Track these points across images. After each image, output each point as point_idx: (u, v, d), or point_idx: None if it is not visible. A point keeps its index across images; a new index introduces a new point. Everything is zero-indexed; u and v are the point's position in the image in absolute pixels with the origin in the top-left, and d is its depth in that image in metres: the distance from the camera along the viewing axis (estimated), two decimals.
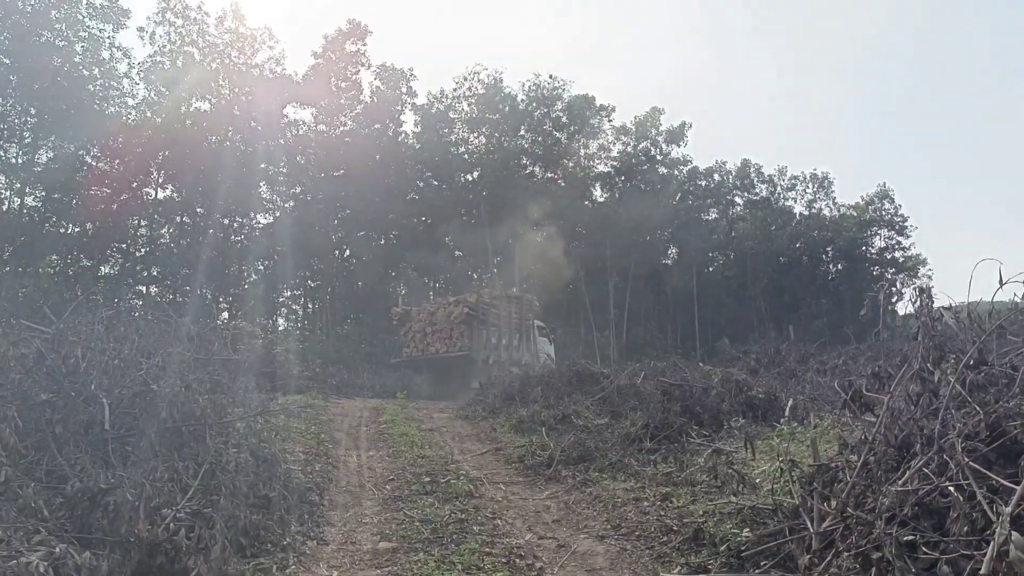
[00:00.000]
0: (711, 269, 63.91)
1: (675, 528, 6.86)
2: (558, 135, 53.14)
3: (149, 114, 42.24)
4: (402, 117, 51.19)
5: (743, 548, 5.77)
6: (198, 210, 46.09)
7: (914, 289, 6.24)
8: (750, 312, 60.38)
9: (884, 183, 72.03)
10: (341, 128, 49.10)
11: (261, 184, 48.05)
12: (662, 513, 7.41)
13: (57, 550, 4.28)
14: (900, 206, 62.43)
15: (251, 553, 6.19)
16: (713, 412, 12.54)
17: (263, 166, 46.62)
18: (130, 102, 42.46)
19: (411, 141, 52.44)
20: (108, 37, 39.95)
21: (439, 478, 10.26)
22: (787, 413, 13.32)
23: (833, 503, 5.02)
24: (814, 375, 17.44)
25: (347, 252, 53.35)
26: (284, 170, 48.60)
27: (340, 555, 6.70)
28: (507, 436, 14.58)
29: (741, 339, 52.47)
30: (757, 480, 8.09)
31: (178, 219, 46.84)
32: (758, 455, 9.42)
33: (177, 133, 41.93)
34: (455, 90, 52.49)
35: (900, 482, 4.61)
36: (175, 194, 45.62)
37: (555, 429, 14.16)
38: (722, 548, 5.98)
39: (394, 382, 29.95)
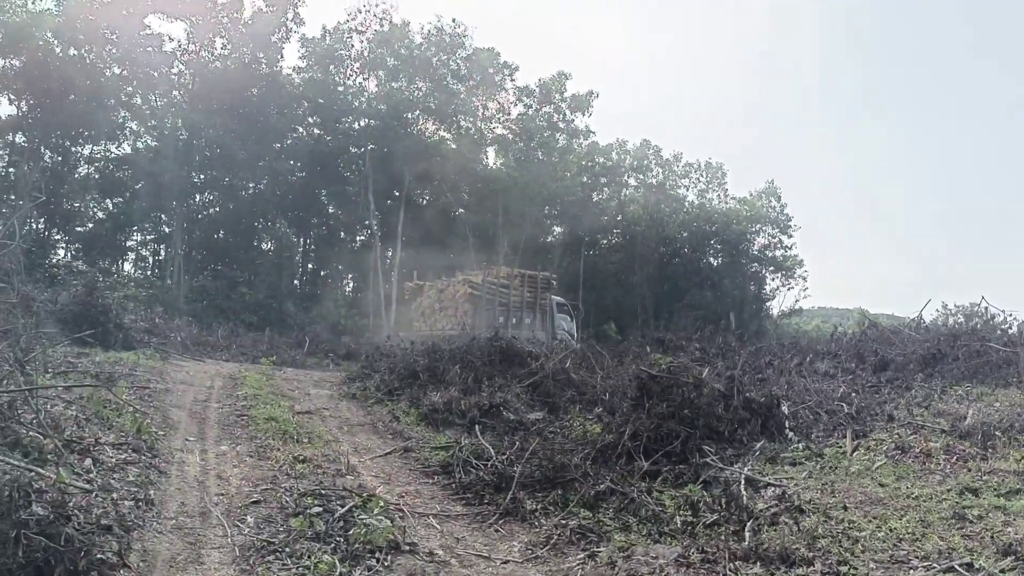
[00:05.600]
0: (596, 252, 61.16)
1: None
2: (456, 87, 48.47)
3: None
4: (284, 48, 44.89)
5: None
6: (42, 131, 39.07)
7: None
8: (634, 298, 58.24)
9: (772, 180, 71.75)
10: (217, 51, 42.61)
11: (119, 110, 41.50)
12: None
13: None
14: (786, 204, 61.70)
15: None
16: (707, 418, 9.23)
17: (126, 88, 40.46)
18: None
19: (294, 77, 46.31)
20: None
21: (333, 502, 6.46)
22: (787, 425, 10.30)
23: None
24: (779, 375, 14.49)
25: (210, 197, 47.26)
26: (153, 96, 42.02)
27: None
28: (416, 429, 10.84)
29: (625, 325, 50.40)
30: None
31: (10, 137, 39.66)
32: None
33: (20, 37, 35.15)
34: (346, 22, 46.53)
35: None
36: (18, 109, 38.52)
37: (481, 423, 10.62)
38: None
39: (253, 343, 25.57)
